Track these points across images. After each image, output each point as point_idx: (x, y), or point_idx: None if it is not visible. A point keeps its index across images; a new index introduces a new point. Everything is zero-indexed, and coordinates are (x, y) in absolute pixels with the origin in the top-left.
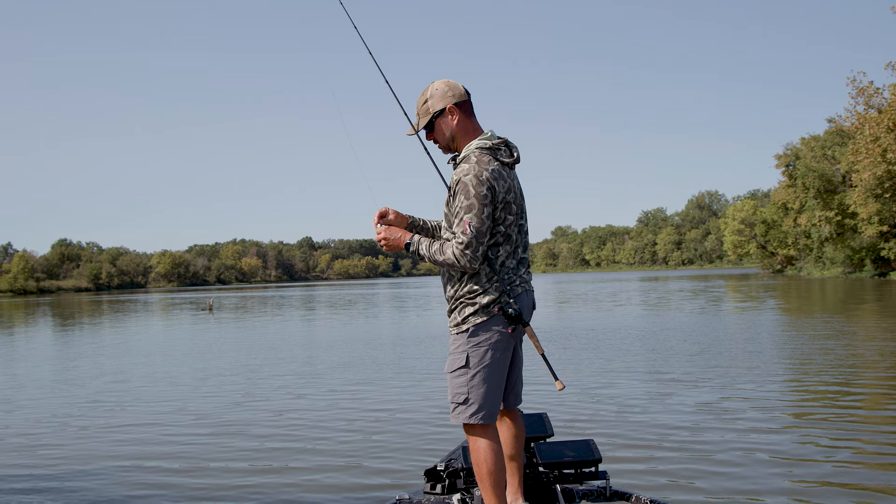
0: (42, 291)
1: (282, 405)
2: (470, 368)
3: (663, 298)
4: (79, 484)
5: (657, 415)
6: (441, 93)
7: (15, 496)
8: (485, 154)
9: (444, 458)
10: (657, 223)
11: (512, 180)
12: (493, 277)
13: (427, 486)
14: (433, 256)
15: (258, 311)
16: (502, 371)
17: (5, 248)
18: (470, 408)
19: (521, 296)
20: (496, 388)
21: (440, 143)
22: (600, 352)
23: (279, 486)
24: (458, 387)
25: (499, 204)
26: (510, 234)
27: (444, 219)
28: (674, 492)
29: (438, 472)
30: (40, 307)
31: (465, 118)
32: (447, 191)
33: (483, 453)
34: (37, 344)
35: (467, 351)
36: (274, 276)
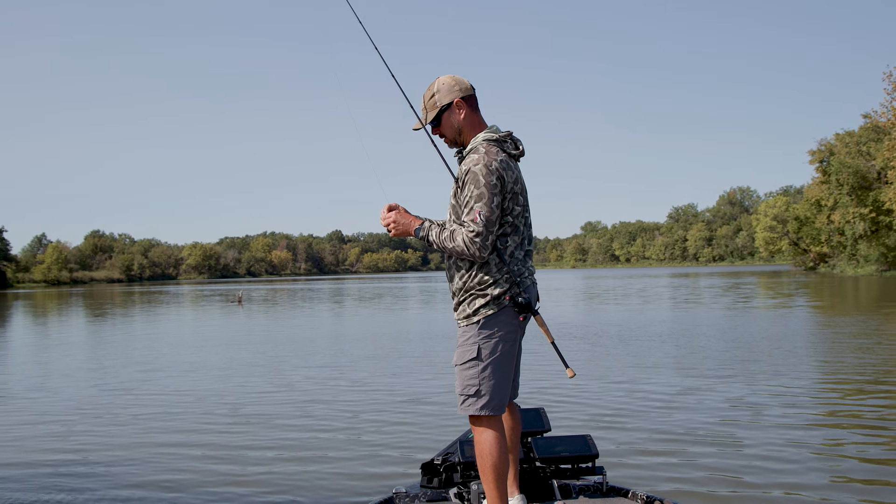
0: (75, 282)
1: (288, 398)
2: (482, 360)
3: (692, 295)
4: (109, 469)
5: (656, 411)
6: (448, 87)
7: (50, 479)
8: (492, 145)
9: (441, 452)
10: (688, 219)
11: (518, 172)
12: (503, 268)
13: (424, 480)
14: (443, 243)
15: (287, 303)
16: (511, 362)
17: (39, 240)
18: (481, 399)
19: (529, 287)
20: (506, 380)
21: (447, 137)
22: (616, 347)
23: (274, 479)
24: (468, 378)
25: (507, 194)
26: (517, 224)
27: (451, 210)
28: (670, 487)
29: (435, 465)
30: (73, 297)
31: (472, 112)
32: (454, 182)
33: (489, 445)
34: (70, 334)
35: (478, 343)
36: (304, 269)
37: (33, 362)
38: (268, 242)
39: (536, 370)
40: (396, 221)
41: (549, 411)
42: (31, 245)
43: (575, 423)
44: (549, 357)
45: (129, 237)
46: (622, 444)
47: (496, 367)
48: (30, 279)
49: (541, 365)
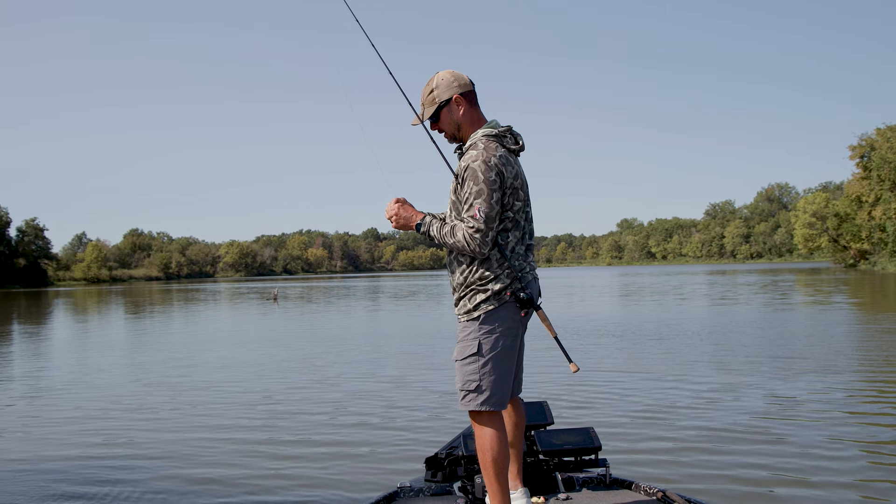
0: (114, 280)
1: (308, 395)
2: (482, 356)
3: (729, 292)
4: (139, 463)
5: (660, 403)
6: (447, 83)
7: (91, 471)
8: (492, 141)
9: (445, 447)
10: (725, 216)
11: (518, 167)
12: (504, 263)
13: (428, 474)
14: (444, 238)
15: (322, 301)
16: (513, 358)
17: (79, 238)
18: (482, 395)
19: (531, 282)
20: (507, 376)
21: (446, 132)
22: (641, 343)
23: (278, 472)
24: (469, 374)
25: (507, 190)
26: (518, 220)
27: (452, 206)
28: (674, 478)
29: (439, 460)
30: (113, 295)
31: (471, 108)
32: (454, 178)
33: (489, 441)
34: (110, 331)
35: (479, 338)
36: (339, 267)
37: (74, 358)
38: (304, 240)
39: (535, 358)
40: (398, 214)
41: (551, 404)
42: (72, 244)
43: (578, 416)
44: (571, 352)
45: (168, 235)
46: (625, 436)
47: (497, 362)
48: (70, 277)
49: (543, 355)
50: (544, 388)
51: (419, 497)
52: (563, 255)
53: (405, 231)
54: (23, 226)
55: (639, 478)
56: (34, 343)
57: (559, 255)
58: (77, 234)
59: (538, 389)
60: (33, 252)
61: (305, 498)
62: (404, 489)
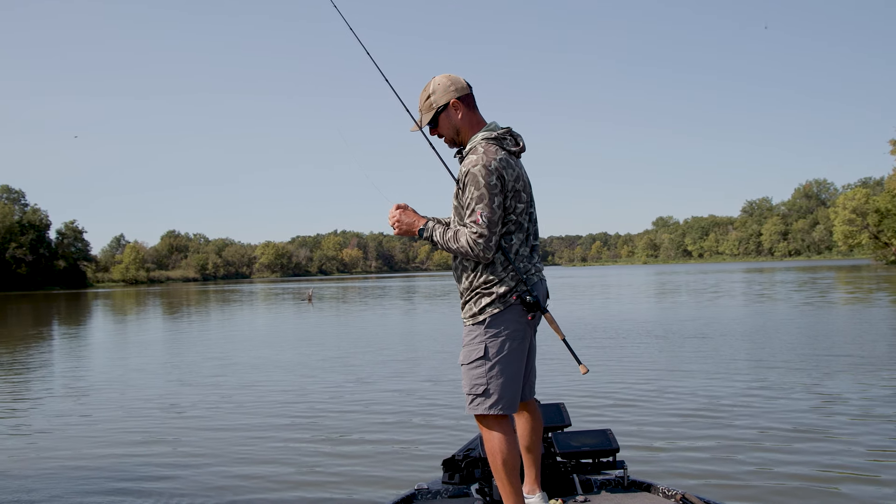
0: (152, 281)
1: (336, 395)
2: (489, 359)
3: (767, 290)
4: (184, 460)
5: (677, 405)
6: (443, 87)
7: (133, 468)
8: (491, 144)
9: (463, 448)
10: (762, 213)
11: (520, 169)
12: (509, 266)
13: (445, 476)
14: (447, 244)
15: (356, 301)
16: (521, 361)
17: (118, 240)
18: (489, 399)
19: (537, 284)
20: (515, 379)
21: (445, 137)
22: (666, 343)
23: (300, 476)
24: (475, 378)
25: (508, 192)
26: (521, 222)
27: (454, 211)
28: (694, 480)
29: (457, 461)
30: (150, 296)
31: (469, 111)
32: (455, 183)
33: (497, 444)
34: (148, 331)
35: (485, 342)
36: (374, 267)
37: (114, 358)
38: (339, 241)
39: (553, 360)
40: (400, 220)
41: (568, 405)
42: (110, 245)
43: (595, 418)
44: (594, 354)
45: (204, 237)
46: (644, 437)
47: (504, 365)
48: (109, 279)
49: (558, 357)
50: (561, 389)
51: (436, 499)
52: (598, 254)
53: (408, 237)
54: (62, 228)
55: (658, 479)
56: (75, 343)
57: (594, 254)
58: (115, 236)
59: (555, 391)
60: (73, 254)
61: (323, 498)
62: (422, 491)
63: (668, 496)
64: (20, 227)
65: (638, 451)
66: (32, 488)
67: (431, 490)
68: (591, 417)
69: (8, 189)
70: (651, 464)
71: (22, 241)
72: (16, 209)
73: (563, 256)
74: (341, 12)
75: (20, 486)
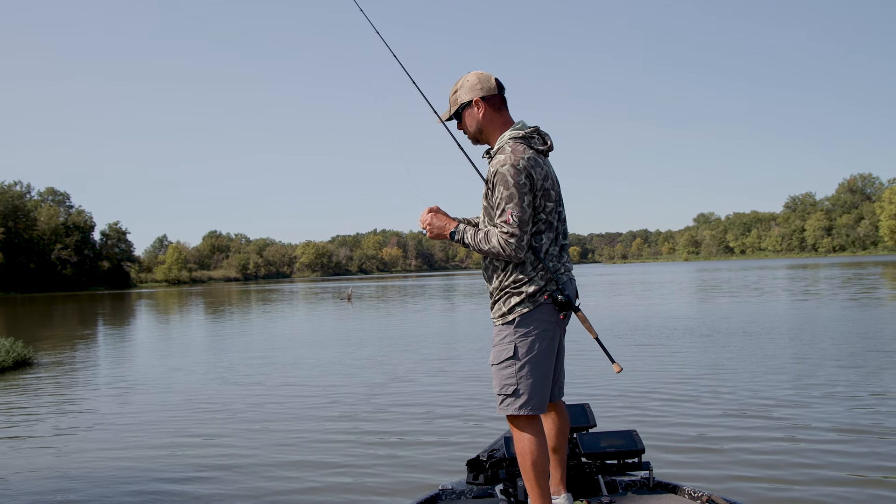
0: (194, 281)
1: (359, 394)
2: (519, 359)
3: (811, 286)
4: (225, 459)
5: (707, 405)
6: (470, 85)
7: (178, 469)
8: (519, 143)
9: (487, 449)
10: (805, 208)
11: (548, 168)
12: (539, 266)
13: (470, 477)
14: (479, 245)
15: (396, 300)
16: (550, 361)
17: (161, 241)
18: (519, 399)
19: (567, 283)
20: (545, 379)
21: (468, 134)
22: (700, 341)
23: (325, 473)
24: (505, 378)
25: (538, 192)
26: (551, 221)
27: (484, 212)
28: (721, 482)
29: (481, 462)
30: (193, 296)
31: (493, 111)
32: (484, 184)
33: (528, 445)
34: (191, 330)
35: (515, 341)
36: (414, 266)
37: (158, 357)
38: (378, 240)
39: (578, 360)
40: (432, 224)
41: (593, 406)
42: (153, 246)
43: (621, 419)
44: (624, 353)
45: (245, 237)
46: (670, 438)
47: (534, 365)
48: (152, 279)
49: (586, 356)
50: (587, 389)
51: (461, 499)
52: (638, 251)
53: (440, 241)
54: (106, 229)
55: (684, 481)
56: (120, 344)
57: (634, 252)
58: (158, 237)
59: (581, 391)
60: (116, 255)
61: (347, 499)
62: (446, 491)
63: (693, 498)
64: (65, 228)
65: (664, 452)
66: (79, 488)
67: (455, 490)
68: (618, 417)
69: (53, 191)
70: (677, 465)
71: (67, 242)
72: (61, 211)
73: (603, 254)
74: (366, 15)
75: (67, 485)
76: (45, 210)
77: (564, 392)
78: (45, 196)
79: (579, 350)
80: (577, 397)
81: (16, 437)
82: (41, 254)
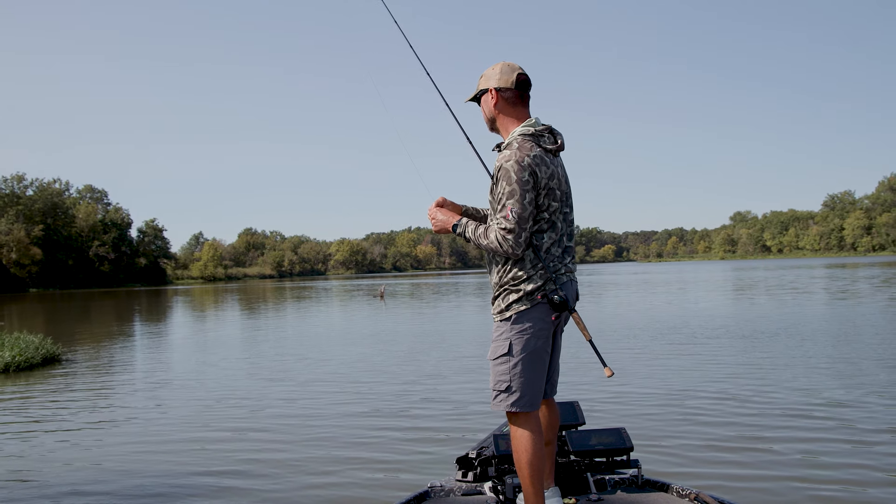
0: (229, 278)
1: (352, 392)
2: (513, 356)
3: (850, 286)
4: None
5: (692, 405)
6: (492, 73)
7: (212, 463)
8: (527, 140)
9: (476, 447)
10: (844, 207)
11: (556, 167)
12: (538, 264)
13: (459, 474)
14: (478, 240)
15: (428, 297)
16: (544, 359)
17: (196, 238)
18: (512, 396)
19: (566, 284)
20: (538, 377)
21: (484, 119)
22: (717, 340)
23: (313, 474)
24: (500, 374)
25: (541, 190)
26: (555, 221)
27: (490, 206)
28: (708, 480)
29: (470, 460)
30: (228, 293)
31: (506, 104)
32: (491, 179)
33: (524, 441)
34: (227, 327)
35: (510, 338)
36: (448, 264)
37: (192, 352)
38: (412, 237)
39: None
40: (436, 218)
41: (583, 404)
42: (189, 243)
43: (609, 416)
44: (623, 354)
45: (280, 234)
46: (658, 436)
47: (527, 363)
48: (188, 276)
49: (579, 355)
50: (576, 387)
51: (450, 497)
52: (674, 250)
53: (445, 234)
54: (143, 227)
55: (671, 479)
56: (156, 339)
57: (670, 250)
58: (194, 234)
59: (571, 389)
60: (153, 252)
61: (340, 495)
62: (435, 489)
63: (682, 495)
64: (103, 225)
65: (653, 450)
66: (112, 479)
67: (445, 488)
68: (607, 415)
69: (91, 189)
70: (666, 463)
71: (105, 239)
72: (99, 208)
73: (638, 252)
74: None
75: (101, 476)
76: (84, 207)
77: (557, 390)
78: (84, 193)
79: (572, 349)
80: (567, 395)
81: (50, 431)
82: (79, 251)
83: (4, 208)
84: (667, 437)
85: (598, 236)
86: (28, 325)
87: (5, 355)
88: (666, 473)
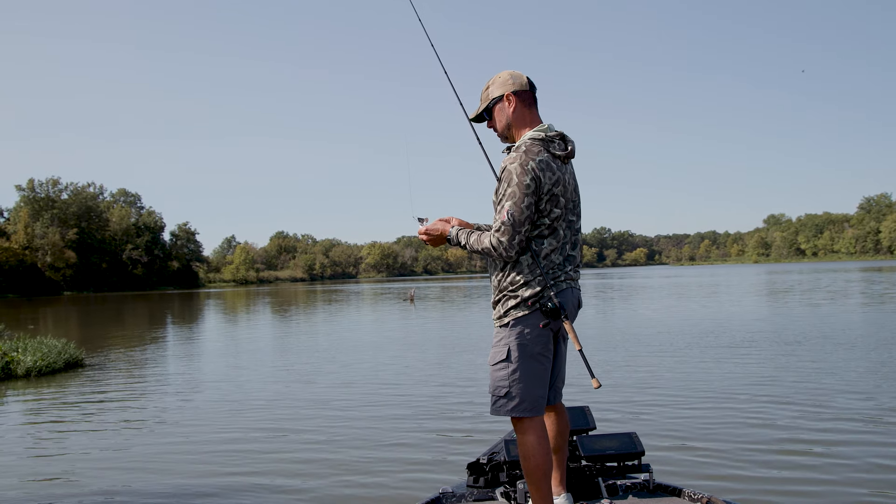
0: (261, 281)
1: (369, 394)
2: (511, 362)
3: (889, 290)
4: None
5: (703, 409)
6: (502, 81)
7: (244, 465)
8: (535, 144)
9: (487, 452)
10: (881, 209)
11: (563, 174)
12: (536, 270)
13: (470, 480)
14: (472, 245)
15: (458, 301)
16: (545, 365)
17: (229, 241)
18: (511, 401)
19: (565, 291)
20: (538, 382)
21: (497, 130)
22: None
23: (323, 476)
24: (499, 380)
25: (544, 195)
26: (556, 228)
27: (493, 207)
28: (721, 484)
29: (481, 465)
30: (260, 296)
31: (523, 108)
32: (497, 179)
33: (530, 447)
34: (258, 330)
35: (509, 344)
36: (479, 267)
37: (223, 355)
38: None
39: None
40: (429, 232)
41: (594, 409)
42: (221, 247)
43: (620, 421)
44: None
45: (312, 237)
46: (668, 440)
47: (526, 368)
48: (220, 279)
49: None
50: (586, 392)
51: (461, 502)
52: (706, 253)
53: (437, 246)
54: (176, 230)
55: (684, 484)
56: (188, 342)
57: (703, 253)
58: (226, 238)
59: (581, 394)
60: (185, 255)
61: (351, 495)
62: (446, 494)
63: (694, 500)
64: (136, 229)
65: (665, 454)
66: (144, 479)
67: (456, 493)
68: (618, 420)
69: (125, 192)
70: (678, 468)
71: (138, 242)
72: (132, 212)
73: (670, 255)
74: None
75: (134, 476)
76: (117, 211)
77: (563, 395)
78: (118, 197)
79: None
80: (577, 400)
81: (82, 432)
82: (113, 254)
83: (40, 212)
84: (679, 441)
85: (630, 239)
86: (62, 328)
87: (27, 360)
88: (679, 475)
